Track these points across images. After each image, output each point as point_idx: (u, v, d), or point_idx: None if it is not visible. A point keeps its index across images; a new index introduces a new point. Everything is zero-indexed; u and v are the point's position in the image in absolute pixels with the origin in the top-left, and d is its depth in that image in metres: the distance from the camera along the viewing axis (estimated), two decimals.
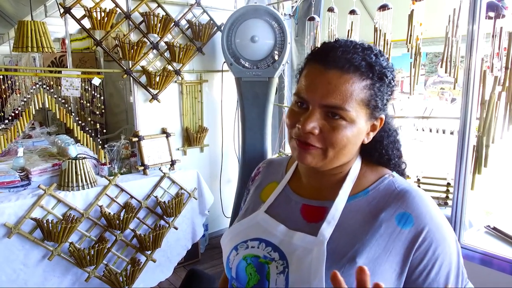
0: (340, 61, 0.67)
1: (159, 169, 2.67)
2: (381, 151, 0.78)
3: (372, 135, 0.75)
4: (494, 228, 1.73)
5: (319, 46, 0.74)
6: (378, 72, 0.69)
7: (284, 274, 0.70)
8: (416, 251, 0.67)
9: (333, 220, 0.71)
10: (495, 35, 1.57)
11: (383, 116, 0.74)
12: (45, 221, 2.07)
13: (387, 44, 2.18)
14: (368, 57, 0.69)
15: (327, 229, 0.70)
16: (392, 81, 0.72)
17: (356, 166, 0.76)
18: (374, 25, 2.22)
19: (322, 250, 0.67)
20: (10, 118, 2.46)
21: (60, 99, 2.41)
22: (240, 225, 0.82)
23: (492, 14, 1.54)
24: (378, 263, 0.66)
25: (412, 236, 0.67)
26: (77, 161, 2.27)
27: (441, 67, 1.82)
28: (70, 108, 2.46)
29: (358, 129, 0.69)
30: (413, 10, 1.99)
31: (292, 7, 3.36)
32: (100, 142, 2.57)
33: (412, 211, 0.68)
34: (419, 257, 0.67)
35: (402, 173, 0.80)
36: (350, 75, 0.67)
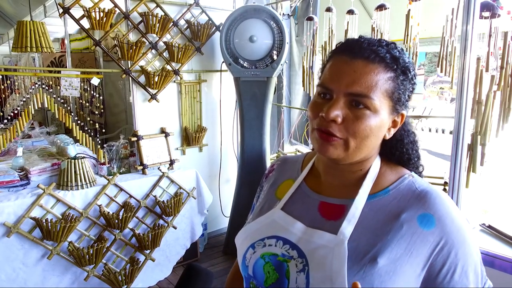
0: (366, 51, 0.68)
1: (158, 168, 2.68)
2: (402, 150, 0.78)
3: (393, 131, 0.74)
4: (489, 226, 1.74)
5: (343, 41, 0.74)
6: (402, 66, 0.70)
7: (304, 272, 0.69)
8: (439, 254, 0.67)
9: (354, 218, 0.70)
10: (490, 35, 1.58)
11: (404, 112, 0.74)
12: (44, 221, 2.08)
13: None
14: (392, 51, 0.70)
15: (347, 227, 0.69)
16: (414, 78, 0.73)
17: (376, 165, 0.76)
18: (371, 25, 2.23)
19: (343, 249, 0.67)
20: (9, 118, 2.48)
21: (59, 99, 2.42)
22: (256, 223, 0.81)
23: (487, 14, 1.55)
24: (399, 263, 0.66)
25: (434, 237, 0.67)
26: (76, 160, 2.28)
27: (438, 66, 1.83)
28: (69, 108, 2.48)
29: (381, 121, 0.69)
30: (409, 10, 2.00)
31: (291, 7, 3.37)
32: (99, 141, 2.58)
33: (434, 213, 0.68)
34: (442, 259, 0.67)
35: (419, 175, 0.80)
36: (376, 65, 0.68)
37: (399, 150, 0.78)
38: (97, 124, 2.63)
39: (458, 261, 0.67)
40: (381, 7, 2.14)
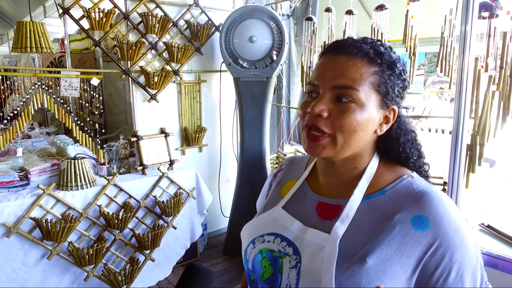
0: (349, 48, 0.70)
1: (158, 169, 2.68)
2: (398, 149, 0.77)
3: (385, 127, 0.74)
4: (488, 226, 1.74)
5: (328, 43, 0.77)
6: (387, 61, 0.70)
7: (296, 268, 0.71)
8: (432, 256, 0.66)
9: (347, 218, 0.71)
10: (490, 35, 1.58)
11: (395, 108, 0.73)
12: (44, 221, 2.08)
13: None
14: (377, 47, 0.71)
15: (340, 227, 0.70)
16: (402, 73, 0.73)
17: (373, 164, 0.76)
18: (371, 25, 2.23)
19: (334, 247, 0.68)
20: (9, 118, 2.48)
21: (59, 99, 2.42)
22: (258, 220, 0.84)
23: (486, 14, 1.55)
24: (389, 264, 0.66)
25: (427, 240, 0.66)
26: (76, 161, 2.28)
27: (437, 66, 1.83)
28: (69, 108, 2.48)
29: (368, 115, 0.69)
30: (408, 10, 2.00)
31: (290, 7, 3.37)
32: (99, 142, 2.58)
33: (429, 214, 0.67)
34: (435, 262, 0.66)
35: (426, 176, 0.79)
36: (359, 60, 0.69)
37: (395, 150, 0.78)
38: (97, 124, 2.62)
39: (453, 264, 0.66)
40: (380, 7, 2.14)
